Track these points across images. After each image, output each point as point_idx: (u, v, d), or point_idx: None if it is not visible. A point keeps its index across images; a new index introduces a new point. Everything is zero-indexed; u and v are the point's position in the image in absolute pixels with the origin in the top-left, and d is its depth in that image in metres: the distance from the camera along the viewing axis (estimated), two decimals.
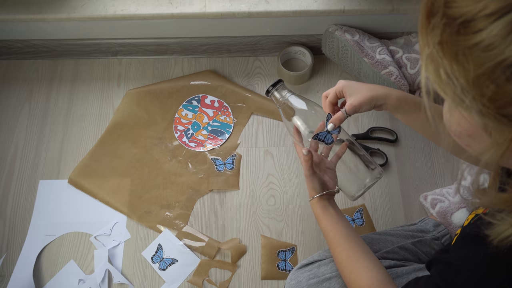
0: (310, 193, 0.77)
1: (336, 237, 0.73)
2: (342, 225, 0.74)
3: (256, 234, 1.03)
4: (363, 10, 1.05)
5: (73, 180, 1.09)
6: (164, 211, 1.06)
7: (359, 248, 0.71)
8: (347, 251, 0.71)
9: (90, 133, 1.16)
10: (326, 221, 0.75)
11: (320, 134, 0.75)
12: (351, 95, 0.71)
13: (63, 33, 1.16)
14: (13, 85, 1.22)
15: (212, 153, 1.12)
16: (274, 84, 0.81)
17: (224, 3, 1.06)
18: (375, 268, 0.68)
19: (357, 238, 0.73)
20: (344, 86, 0.72)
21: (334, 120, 0.73)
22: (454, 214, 0.98)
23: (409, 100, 0.70)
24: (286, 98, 0.81)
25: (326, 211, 0.75)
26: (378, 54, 1.09)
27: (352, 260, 0.70)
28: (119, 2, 1.07)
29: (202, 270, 0.99)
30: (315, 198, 0.76)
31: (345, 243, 0.72)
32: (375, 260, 0.70)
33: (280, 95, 0.81)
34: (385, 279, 0.67)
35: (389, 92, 0.70)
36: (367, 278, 0.67)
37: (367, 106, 0.70)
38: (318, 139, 0.75)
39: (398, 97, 0.70)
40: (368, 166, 0.78)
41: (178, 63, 1.24)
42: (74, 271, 1.00)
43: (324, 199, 0.76)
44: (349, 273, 0.70)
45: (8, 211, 1.07)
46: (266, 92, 0.82)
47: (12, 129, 1.17)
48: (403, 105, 0.70)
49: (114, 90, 1.21)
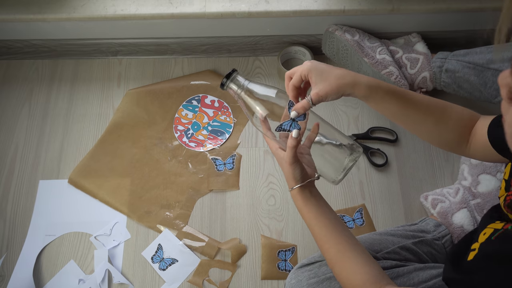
0: (290, 183, 0.70)
1: (322, 232, 0.67)
2: (327, 217, 0.68)
3: (256, 234, 1.03)
4: (363, 10, 1.05)
5: (73, 180, 1.09)
6: (164, 211, 1.06)
7: (348, 243, 0.66)
8: (336, 247, 0.66)
9: (90, 133, 1.16)
10: (310, 214, 0.68)
11: (284, 124, 0.67)
12: (317, 83, 0.64)
13: (63, 33, 1.16)
14: (13, 85, 1.22)
15: (212, 153, 1.12)
16: (228, 75, 0.71)
17: (224, 3, 1.06)
18: (368, 263, 0.64)
19: (345, 230, 0.68)
20: (310, 69, 0.65)
21: (297, 108, 0.65)
22: (455, 215, 0.98)
23: (381, 88, 0.65)
24: (246, 87, 0.71)
25: (309, 203, 0.69)
26: (378, 54, 1.09)
27: (343, 257, 0.65)
28: (119, 2, 1.07)
29: (202, 270, 0.99)
30: (295, 189, 0.69)
31: (333, 238, 0.66)
32: (366, 254, 0.65)
33: (238, 86, 0.71)
34: (379, 274, 0.63)
35: (357, 80, 0.64)
36: (360, 275, 0.63)
37: (334, 96, 0.64)
38: (282, 130, 0.67)
39: (368, 85, 0.64)
40: (344, 145, 0.70)
41: (178, 63, 1.24)
42: (74, 271, 1.00)
43: (306, 188, 0.69)
44: (341, 271, 0.65)
45: (8, 211, 1.07)
46: (221, 85, 0.71)
47: (12, 129, 1.17)
48: (374, 95, 0.65)
49: (114, 90, 1.21)
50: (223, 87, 0.71)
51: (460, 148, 0.69)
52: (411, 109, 0.67)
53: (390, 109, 0.67)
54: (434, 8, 1.05)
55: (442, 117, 0.68)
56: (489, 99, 0.98)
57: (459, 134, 0.68)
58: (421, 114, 0.67)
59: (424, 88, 1.11)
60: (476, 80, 0.98)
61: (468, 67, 0.99)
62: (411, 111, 0.67)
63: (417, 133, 0.72)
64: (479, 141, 0.66)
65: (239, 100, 0.72)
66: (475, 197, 1.00)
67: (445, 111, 0.68)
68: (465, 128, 0.68)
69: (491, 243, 0.52)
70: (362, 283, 0.62)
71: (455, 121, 0.68)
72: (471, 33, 1.17)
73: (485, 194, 1.00)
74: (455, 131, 0.68)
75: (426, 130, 0.69)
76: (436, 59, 1.07)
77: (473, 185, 1.02)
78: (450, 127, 0.68)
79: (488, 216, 0.64)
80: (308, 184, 0.69)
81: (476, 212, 0.99)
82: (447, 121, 0.68)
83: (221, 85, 0.71)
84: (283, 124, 0.67)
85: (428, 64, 1.08)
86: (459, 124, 0.68)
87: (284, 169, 0.69)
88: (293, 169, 0.67)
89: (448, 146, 0.71)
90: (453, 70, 1.03)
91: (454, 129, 0.68)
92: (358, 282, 0.62)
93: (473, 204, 0.99)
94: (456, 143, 0.69)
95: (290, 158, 0.66)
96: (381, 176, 1.09)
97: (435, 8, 1.05)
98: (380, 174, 1.09)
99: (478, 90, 0.99)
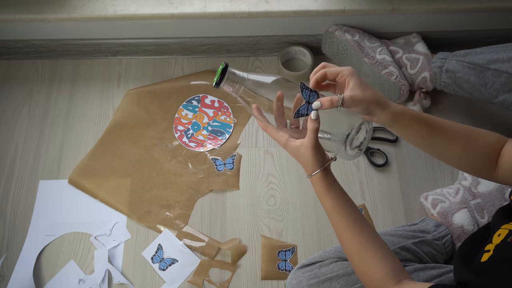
0: (310, 169, 0.65)
1: (344, 220, 0.64)
2: (350, 205, 0.65)
3: (256, 234, 1.03)
4: (363, 10, 1.05)
5: (73, 180, 1.09)
6: (164, 211, 1.06)
7: (369, 234, 0.64)
8: (358, 238, 0.64)
9: (90, 133, 1.16)
10: (333, 201, 0.65)
11: (300, 108, 0.62)
12: (354, 88, 0.62)
13: (63, 33, 1.16)
14: (13, 85, 1.22)
15: (212, 153, 1.12)
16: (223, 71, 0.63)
17: (224, 3, 1.06)
18: (388, 257, 0.63)
19: (366, 222, 0.66)
20: (353, 73, 0.63)
21: (324, 101, 0.61)
22: (455, 215, 0.98)
23: (407, 114, 0.65)
24: (246, 78, 0.65)
25: (332, 189, 0.65)
26: (378, 54, 1.09)
27: (364, 248, 0.63)
28: (119, 2, 1.07)
29: (202, 270, 0.99)
30: (317, 174, 0.65)
31: (355, 228, 0.64)
32: (386, 247, 0.64)
33: (237, 80, 0.65)
34: (398, 268, 0.62)
35: (387, 103, 0.64)
36: (380, 269, 0.61)
37: (364, 106, 0.62)
38: (300, 115, 0.62)
39: (395, 111, 0.64)
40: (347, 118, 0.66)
41: (178, 63, 1.24)
42: (74, 271, 1.00)
43: (328, 174, 0.65)
44: (360, 263, 0.64)
45: (8, 211, 1.07)
46: (216, 84, 0.64)
47: (12, 130, 1.17)
48: (400, 120, 0.64)
49: (114, 90, 1.21)
50: (219, 85, 0.64)
51: (488, 172, 0.68)
52: (437, 134, 0.66)
53: (416, 135, 0.67)
54: (434, 8, 1.05)
55: (469, 141, 0.67)
56: (489, 100, 0.98)
57: (487, 158, 0.67)
58: (448, 139, 0.66)
59: (424, 88, 1.11)
60: (476, 80, 0.98)
61: (468, 67, 0.99)
62: (438, 136, 0.66)
63: (443, 159, 0.70)
64: (508, 164, 0.65)
65: (237, 95, 0.66)
66: (475, 197, 1.00)
67: (472, 135, 0.67)
68: (493, 152, 0.66)
69: (508, 246, 0.52)
70: (381, 277, 0.61)
71: (482, 145, 0.67)
72: (471, 33, 1.17)
73: (485, 194, 1.00)
74: (482, 155, 0.67)
75: (453, 155, 0.68)
76: (436, 59, 1.07)
77: (473, 185, 1.02)
78: (477, 151, 0.67)
79: (499, 216, 0.64)
80: (328, 168, 0.66)
81: (476, 212, 0.99)
82: (474, 145, 0.67)
83: (216, 84, 0.64)
84: (300, 109, 0.62)
85: (428, 64, 1.08)
86: (487, 148, 0.67)
87: (303, 156, 0.65)
88: (316, 153, 0.63)
89: (476, 171, 0.70)
90: (453, 70, 1.03)
91: (481, 153, 0.67)
92: (377, 276, 0.62)
93: (473, 204, 0.99)
94: (484, 168, 0.68)
95: (313, 141, 0.62)
96: (381, 176, 1.09)
97: (435, 8, 1.05)
98: (380, 174, 1.09)
99: (478, 91, 0.99)
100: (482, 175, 0.69)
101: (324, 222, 1.04)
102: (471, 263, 0.60)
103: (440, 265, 0.83)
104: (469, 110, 1.15)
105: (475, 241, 0.69)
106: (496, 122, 1.14)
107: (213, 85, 0.65)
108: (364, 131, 0.67)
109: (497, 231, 0.58)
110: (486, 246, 0.57)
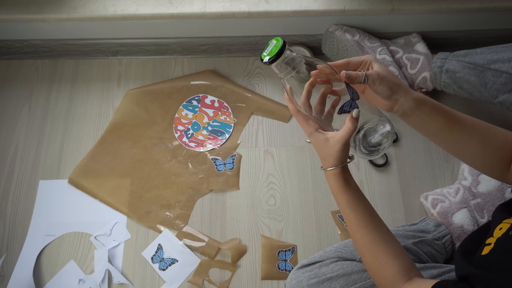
0: (330, 163, 0.64)
1: (359, 216, 0.64)
2: (365, 202, 0.65)
3: (256, 234, 1.03)
4: (363, 10, 1.05)
5: (73, 180, 1.09)
6: (164, 211, 1.06)
7: (383, 232, 0.64)
8: (371, 235, 0.63)
9: (90, 133, 1.16)
10: (349, 196, 0.65)
11: (345, 105, 0.62)
12: (379, 67, 0.62)
13: (63, 33, 1.16)
14: (13, 85, 1.22)
15: (212, 153, 1.12)
16: (279, 51, 0.60)
17: (224, 3, 1.06)
18: (400, 255, 0.63)
19: (380, 219, 0.66)
20: (374, 59, 0.63)
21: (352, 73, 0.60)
22: (455, 215, 0.98)
23: (428, 102, 0.64)
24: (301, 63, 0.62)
25: (348, 185, 0.65)
26: (378, 54, 1.09)
27: (377, 246, 0.63)
28: (119, 2, 1.07)
29: (202, 270, 0.99)
30: (337, 169, 0.64)
31: (370, 225, 0.64)
32: (398, 245, 0.64)
33: (291, 63, 0.61)
34: (410, 266, 0.62)
35: (409, 90, 0.63)
36: (392, 267, 0.61)
37: (388, 85, 0.61)
38: (344, 111, 0.63)
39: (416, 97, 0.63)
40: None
41: (178, 63, 1.24)
42: (74, 271, 1.00)
43: (346, 170, 0.65)
44: (373, 260, 0.63)
45: (8, 211, 1.07)
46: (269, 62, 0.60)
47: (12, 129, 1.17)
48: (422, 107, 0.63)
49: (114, 90, 1.21)
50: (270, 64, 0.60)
51: (501, 172, 0.66)
52: (457, 126, 0.65)
53: (435, 125, 0.65)
54: (434, 8, 1.05)
55: (488, 136, 0.65)
56: (489, 100, 0.98)
57: (503, 157, 0.65)
58: (467, 132, 0.65)
59: (424, 89, 1.11)
60: (476, 80, 0.98)
61: (469, 67, 0.99)
62: (458, 128, 0.65)
63: (459, 154, 0.68)
64: None
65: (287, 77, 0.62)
66: (475, 197, 1.00)
67: (490, 130, 0.66)
68: (510, 151, 0.65)
69: (510, 239, 0.52)
70: (393, 274, 0.61)
71: (501, 141, 0.65)
72: (471, 33, 1.17)
73: (485, 194, 1.00)
74: (499, 152, 0.65)
75: (470, 150, 0.66)
76: (436, 59, 1.07)
77: (473, 185, 1.02)
78: (494, 148, 0.65)
79: (501, 211, 0.63)
80: (346, 165, 0.66)
81: (476, 212, 0.99)
82: (492, 141, 0.65)
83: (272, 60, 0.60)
84: (344, 105, 0.62)
85: (428, 64, 1.08)
86: (504, 146, 0.65)
87: (328, 148, 0.64)
88: (343, 149, 0.63)
89: (489, 169, 0.68)
90: (454, 70, 1.03)
91: (498, 150, 0.65)
92: (389, 273, 0.62)
93: (473, 204, 0.99)
94: (498, 167, 0.66)
95: (347, 138, 0.62)
96: (381, 176, 1.09)
97: (435, 8, 1.05)
98: (380, 174, 1.09)
99: (478, 91, 0.99)
100: (496, 174, 0.68)
101: (324, 222, 1.04)
102: (471, 257, 0.61)
103: (440, 264, 0.83)
104: (469, 110, 1.15)
105: (475, 238, 0.69)
106: (496, 122, 1.12)
107: (261, 59, 0.61)
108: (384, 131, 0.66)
109: (498, 225, 0.57)
110: (488, 240, 0.57)
